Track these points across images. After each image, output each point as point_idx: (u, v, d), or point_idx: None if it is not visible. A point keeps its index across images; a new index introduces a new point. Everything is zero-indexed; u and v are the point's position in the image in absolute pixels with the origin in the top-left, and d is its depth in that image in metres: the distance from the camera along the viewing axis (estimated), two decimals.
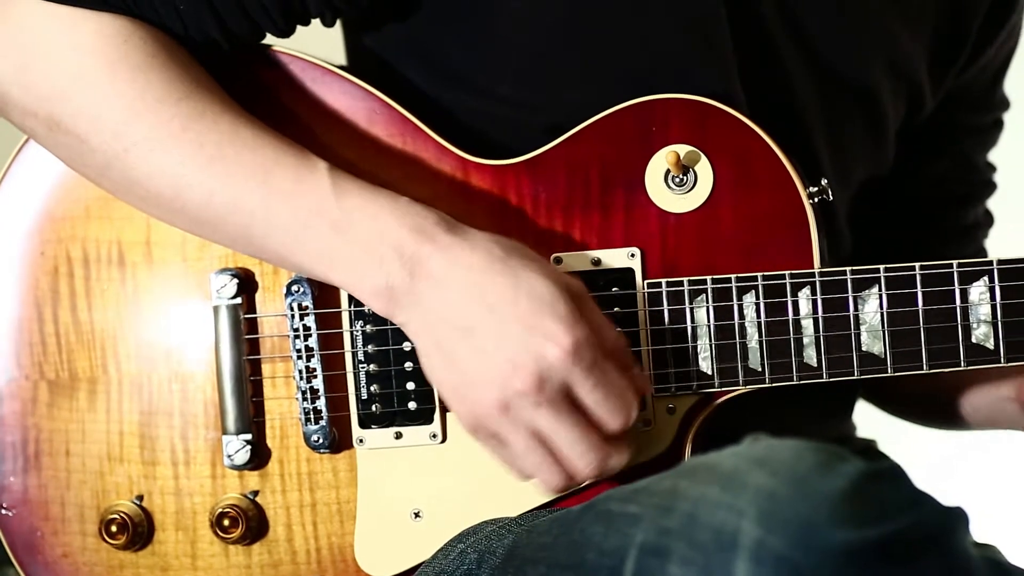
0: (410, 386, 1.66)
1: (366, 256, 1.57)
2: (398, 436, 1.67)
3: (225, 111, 1.62)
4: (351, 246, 1.57)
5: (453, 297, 1.55)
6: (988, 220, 2.00)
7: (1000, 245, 1.98)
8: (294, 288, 1.66)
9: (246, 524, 1.67)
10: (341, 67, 1.72)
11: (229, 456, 1.67)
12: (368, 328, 1.66)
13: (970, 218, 1.97)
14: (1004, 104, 1.97)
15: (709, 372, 1.64)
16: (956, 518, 1.34)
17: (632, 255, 1.65)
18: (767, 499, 1.28)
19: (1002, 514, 2.94)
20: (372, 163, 1.67)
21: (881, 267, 1.63)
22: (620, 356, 1.57)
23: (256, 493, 1.69)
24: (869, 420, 2.04)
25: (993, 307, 1.63)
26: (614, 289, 1.65)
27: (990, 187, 1.98)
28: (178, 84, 1.62)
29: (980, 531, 1.71)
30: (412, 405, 1.67)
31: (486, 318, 1.54)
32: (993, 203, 2.00)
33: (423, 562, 1.66)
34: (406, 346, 1.66)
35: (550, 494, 1.61)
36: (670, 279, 1.64)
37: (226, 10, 1.63)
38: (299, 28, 1.69)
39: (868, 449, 1.94)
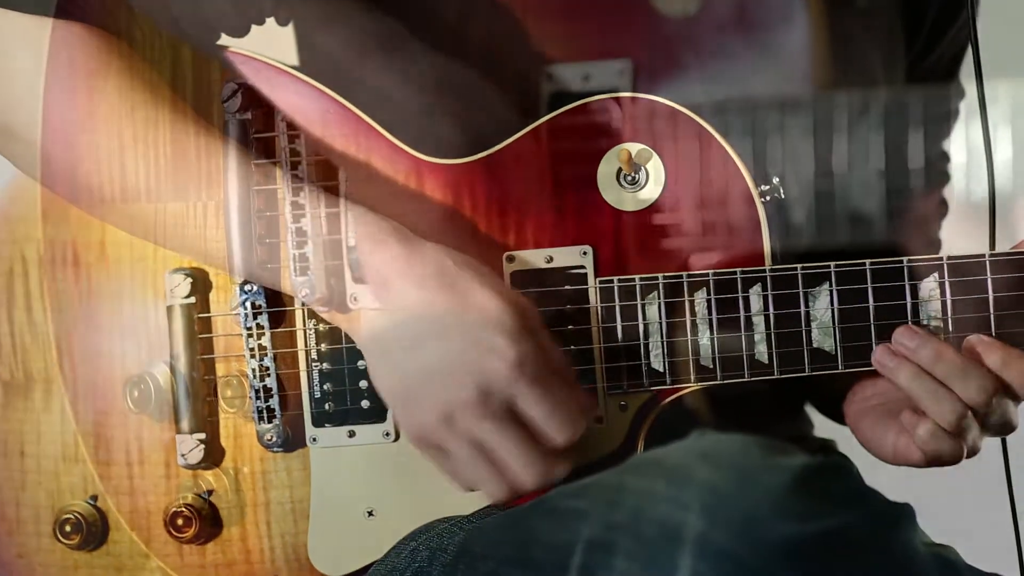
0: (363, 384, 1.66)
1: None
2: (351, 435, 1.67)
3: (178, 120, 1.62)
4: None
5: (401, 312, 1.56)
6: (943, 210, 2.00)
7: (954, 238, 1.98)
8: (247, 287, 1.66)
9: (200, 523, 1.67)
10: (295, 67, 1.72)
11: (183, 455, 1.67)
12: (321, 327, 1.66)
13: (923, 208, 1.97)
14: (960, 94, 1.97)
15: (661, 369, 1.64)
16: (902, 513, 1.35)
17: (584, 253, 1.65)
18: (711, 493, 1.29)
19: (970, 513, 2.94)
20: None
21: (832, 264, 1.63)
22: (564, 375, 1.58)
23: (210, 492, 1.69)
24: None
25: (943, 303, 1.63)
26: (566, 287, 1.65)
27: (944, 177, 1.99)
28: (131, 94, 1.62)
29: (948, 530, 1.72)
30: (365, 404, 1.67)
31: (432, 332, 1.55)
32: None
33: (376, 560, 1.66)
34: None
35: (495, 502, 1.61)
36: (622, 276, 1.65)
37: (181, 12, 1.63)
38: (256, 29, 1.69)
39: (825, 447, 1.94)
